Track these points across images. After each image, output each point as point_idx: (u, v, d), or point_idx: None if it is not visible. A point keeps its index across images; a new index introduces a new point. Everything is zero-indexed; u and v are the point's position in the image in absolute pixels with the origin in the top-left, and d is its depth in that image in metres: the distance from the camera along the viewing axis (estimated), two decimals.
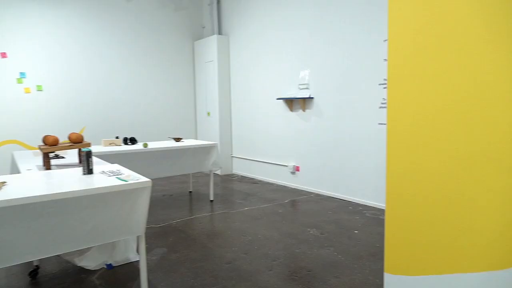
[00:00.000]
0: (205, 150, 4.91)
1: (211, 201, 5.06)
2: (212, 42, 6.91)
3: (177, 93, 7.36)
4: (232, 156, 7.15)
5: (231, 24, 6.87)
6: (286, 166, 5.89)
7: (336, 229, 3.87)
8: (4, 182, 2.30)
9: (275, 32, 5.87)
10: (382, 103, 4.40)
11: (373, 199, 4.63)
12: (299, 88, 5.51)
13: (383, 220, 3.99)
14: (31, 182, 2.39)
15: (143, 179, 2.42)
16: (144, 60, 6.90)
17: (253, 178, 6.59)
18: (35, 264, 2.95)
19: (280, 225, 4.02)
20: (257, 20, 6.24)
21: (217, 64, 6.83)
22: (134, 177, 2.45)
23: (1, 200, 1.93)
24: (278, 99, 5.79)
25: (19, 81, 5.73)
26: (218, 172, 6.96)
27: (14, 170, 3.65)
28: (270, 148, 6.22)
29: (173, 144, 4.79)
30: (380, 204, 4.48)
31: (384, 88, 4.32)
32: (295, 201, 5.03)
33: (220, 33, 7.08)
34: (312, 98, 5.30)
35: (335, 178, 5.10)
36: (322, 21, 5.07)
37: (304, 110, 5.48)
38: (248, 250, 3.36)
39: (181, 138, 5.11)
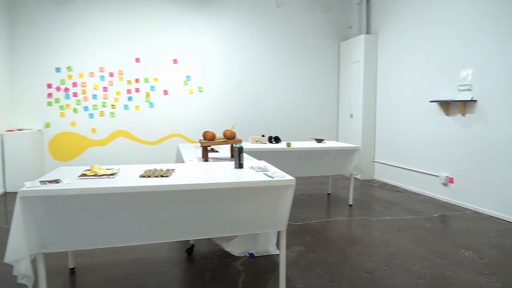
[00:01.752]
0: (347, 153, 4.80)
1: (350, 205, 4.92)
2: (359, 42, 6.71)
3: (320, 94, 7.41)
4: (374, 161, 6.81)
5: (380, 22, 6.54)
6: (437, 176, 5.29)
7: (499, 255, 3.29)
8: (173, 170, 2.69)
9: (431, 28, 5.33)
10: None
11: None
12: (458, 89, 4.87)
13: None
14: (193, 171, 2.73)
15: (288, 177, 2.50)
16: (291, 63, 7.16)
17: (396, 186, 6.15)
18: (191, 243, 3.37)
19: (427, 241, 3.63)
20: (410, 16, 5.77)
21: (363, 64, 6.60)
22: (279, 175, 2.55)
23: (171, 185, 2.26)
24: (431, 101, 5.24)
25: (185, 83, 6.64)
26: (358, 176, 6.72)
27: (179, 159, 4.24)
28: (418, 155, 5.69)
29: (315, 145, 4.83)
30: None
31: None
32: (446, 216, 4.48)
33: (368, 32, 6.82)
34: (475, 101, 4.62)
35: (500, 195, 4.34)
36: (489, 13, 4.36)
37: (463, 115, 4.82)
38: (389, 262, 3.14)
39: (322, 140, 5.11)
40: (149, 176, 2.44)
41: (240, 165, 2.81)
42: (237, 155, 2.81)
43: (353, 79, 6.91)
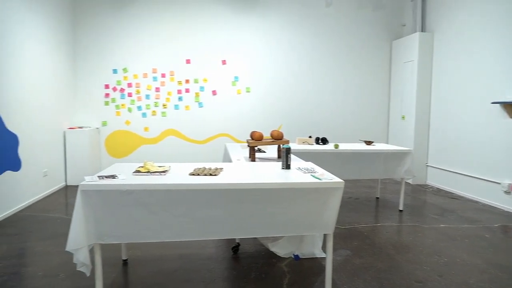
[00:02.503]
0: (398, 156, 4.61)
1: (400, 211, 4.72)
2: (413, 41, 6.41)
3: (370, 95, 7.18)
4: (427, 165, 6.48)
5: (437, 19, 6.21)
6: (499, 183, 4.92)
7: None
8: (222, 169, 2.73)
9: (492, 25, 4.96)
10: None
11: None
12: None
13: None
14: (240, 170, 2.76)
15: (336, 179, 2.45)
16: (339, 62, 7.01)
17: (451, 192, 5.80)
18: (237, 241, 3.41)
19: (487, 253, 3.39)
20: (470, 13, 5.41)
21: (417, 63, 6.30)
22: (327, 177, 2.50)
23: (219, 183, 2.30)
24: (493, 103, 4.89)
25: (233, 83, 6.74)
26: (410, 181, 6.44)
27: (226, 159, 4.31)
28: (477, 160, 5.33)
29: (364, 147, 4.69)
30: None
31: None
32: (508, 227, 4.15)
33: (423, 30, 6.50)
34: None
35: None
36: None
37: None
38: (443, 273, 2.97)
39: (372, 142, 4.95)
40: (198, 174, 2.50)
41: (287, 166, 2.80)
42: (284, 155, 2.80)
43: (406, 79, 6.63)
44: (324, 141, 4.89)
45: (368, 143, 4.96)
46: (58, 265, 3.05)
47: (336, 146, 4.56)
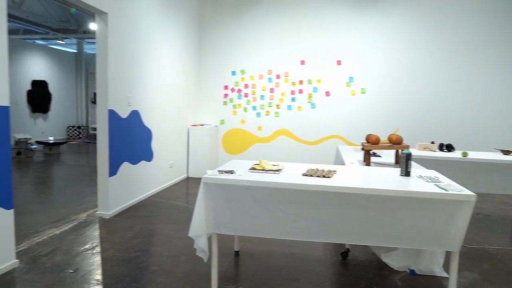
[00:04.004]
0: None
1: None
2: None
3: (508, 96, 6.21)
4: None
5: None
6: None
7: None
8: (335, 171, 2.67)
9: None
10: None
11: None
12: None
13: None
14: (354, 174, 2.66)
15: (466, 191, 2.18)
16: (468, 61, 6.20)
17: None
18: (346, 246, 3.30)
19: None
20: None
21: None
22: (455, 188, 2.25)
23: (333, 186, 2.26)
24: None
25: (347, 84, 6.55)
26: None
27: (338, 161, 4.21)
28: None
29: (500, 157, 4.08)
30: None
31: None
32: None
33: None
34: None
35: None
36: None
37: None
38: None
39: (511, 151, 4.28)
40: (311, 175, 2.49)
41: (407, 173, 2.60)
42: (404, 161, 2.60)
43: None
44: (449, 148, 4.41)
45: (506, 152, 4.29)
46: (180, 247, 3.38)
47: (465, 154, 4.06)
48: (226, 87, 6.93)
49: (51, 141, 9.31)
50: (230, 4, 6.79)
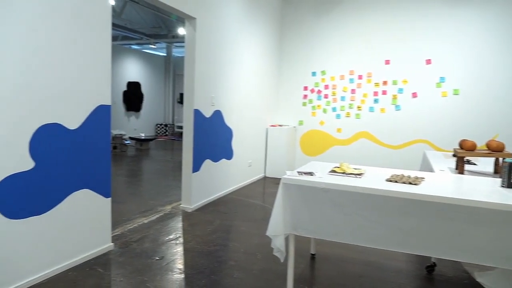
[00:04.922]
0: None
1: None
2: None
3: None
4: None
5: None
6: None
7: None
8: (423, 178, 2.49)
9: None
10: None
11: None
12: None
13: None
14: (445, 182, 2.45)
15: None
16: None
17: None
18: (432, 260, 3.06)
19: None
20: None
21: None
22: None
23: (421, 194, 2.10)
24: None
25: (438, 85, 6.05)
26: None
27: (425, 167, 3.91)
28: None
29: None
30: None
31: None
32: None
33: None
34: None
35: None
36: None
37: None
38: None
39: None
40: (396, 181, 2.35)
41: (509, 184, 2.31)
42: (506, 171, 2.32)
43: None
44: None
45: None
46: (257, 245, 3.44)
47: None
48: (305, 88, 6.89)
49: (142, 137, 10.15)
50: (311, 5, 6.73)
